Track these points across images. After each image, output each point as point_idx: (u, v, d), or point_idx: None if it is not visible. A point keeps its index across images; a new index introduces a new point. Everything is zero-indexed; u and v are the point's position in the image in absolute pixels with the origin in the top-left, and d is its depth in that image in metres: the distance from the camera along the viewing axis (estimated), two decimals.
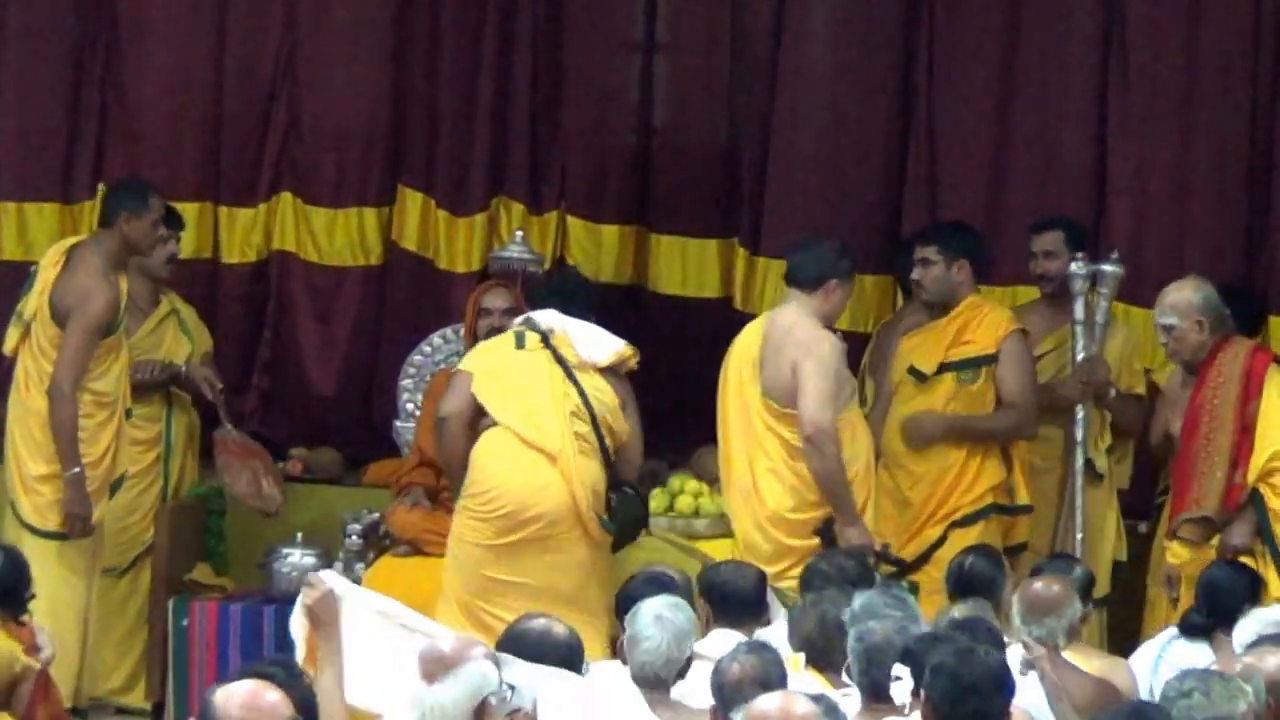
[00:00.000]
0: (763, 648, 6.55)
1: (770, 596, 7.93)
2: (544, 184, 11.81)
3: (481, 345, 9.87)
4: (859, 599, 6.35)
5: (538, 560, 9.41)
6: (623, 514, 9.59)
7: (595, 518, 9.38)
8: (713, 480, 10.25)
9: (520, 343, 9.52)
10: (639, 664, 6.73)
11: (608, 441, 9.51)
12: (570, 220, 11.73)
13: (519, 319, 9.71)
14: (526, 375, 9.48)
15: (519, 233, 10.96)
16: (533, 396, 9.47)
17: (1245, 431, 9.66)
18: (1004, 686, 5.10)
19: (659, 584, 6.93)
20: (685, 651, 6.87)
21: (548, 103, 12.04)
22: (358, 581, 9.44)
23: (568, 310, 9.79)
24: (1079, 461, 10.16)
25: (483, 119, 11.77)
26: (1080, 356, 10.38)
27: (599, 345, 9.70)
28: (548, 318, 9.61)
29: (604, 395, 9.57)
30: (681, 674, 6.72)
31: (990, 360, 9.96)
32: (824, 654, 6.44)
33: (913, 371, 9.95)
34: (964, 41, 11.94)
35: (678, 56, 12.58)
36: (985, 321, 10.17)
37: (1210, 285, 9.91)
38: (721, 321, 11.52)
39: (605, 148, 12.16)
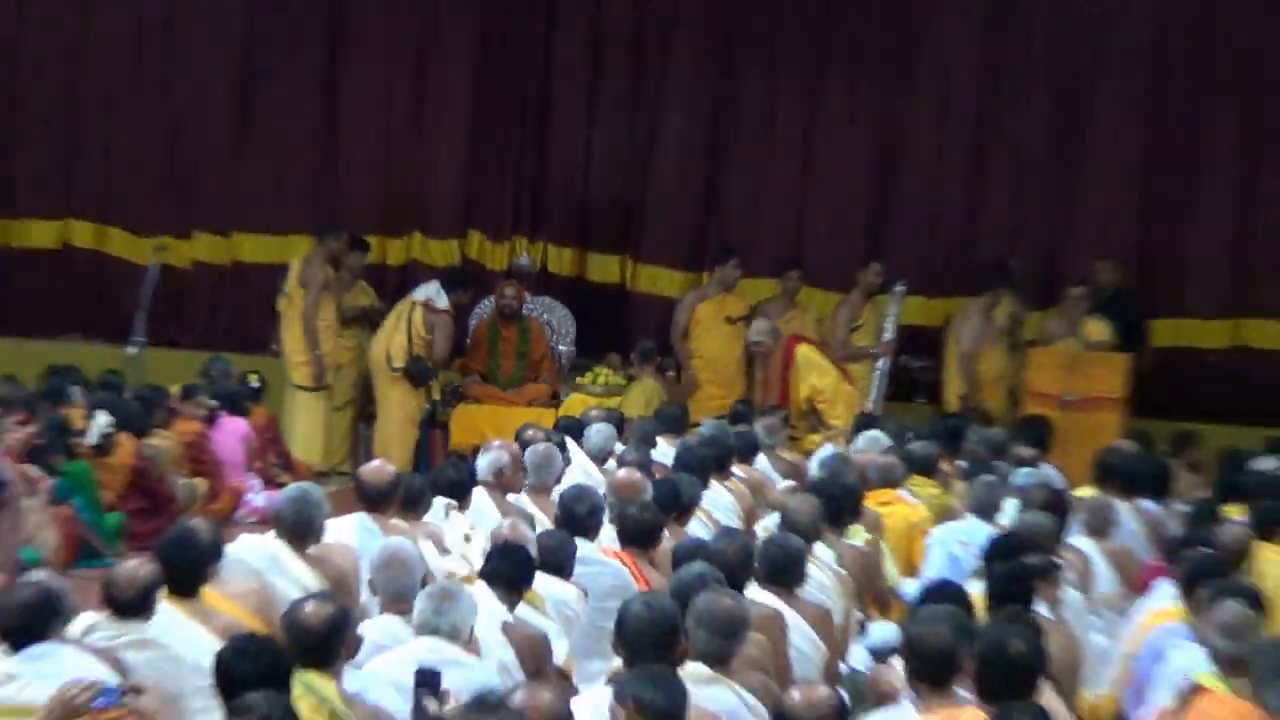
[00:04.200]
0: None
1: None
2: (542, 225, 16.58)
3: None
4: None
5: (382, 396, 14.58)
6: (408, 365, 14.49)
7: (389, 365, 14.42)
8: (614, 368, 15.15)
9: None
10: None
11: (414, 334, 14.50)
12: (549, 248, 16.54)
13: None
14: (400, 306, 14.74)
15: (525, 253, 16.11)
16: (393, 312, 14.73)
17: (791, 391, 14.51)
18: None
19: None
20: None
21: (539, 172, 16.60)
22: (447, 420, 14.54)
23: (442, 280, 15.02)
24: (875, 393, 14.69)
25: (520, 187, 16.60)
26: (888, 336, 15.00)
27: (420, 294, 14.82)
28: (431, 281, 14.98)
29: (415, 315, 14.63)
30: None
31: None
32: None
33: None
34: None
35: (661, 125, 16.39)
36: None
37: None
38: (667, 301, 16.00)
39: (589, 199, 16.60)
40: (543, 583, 7.69)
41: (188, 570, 7.09)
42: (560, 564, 7.99)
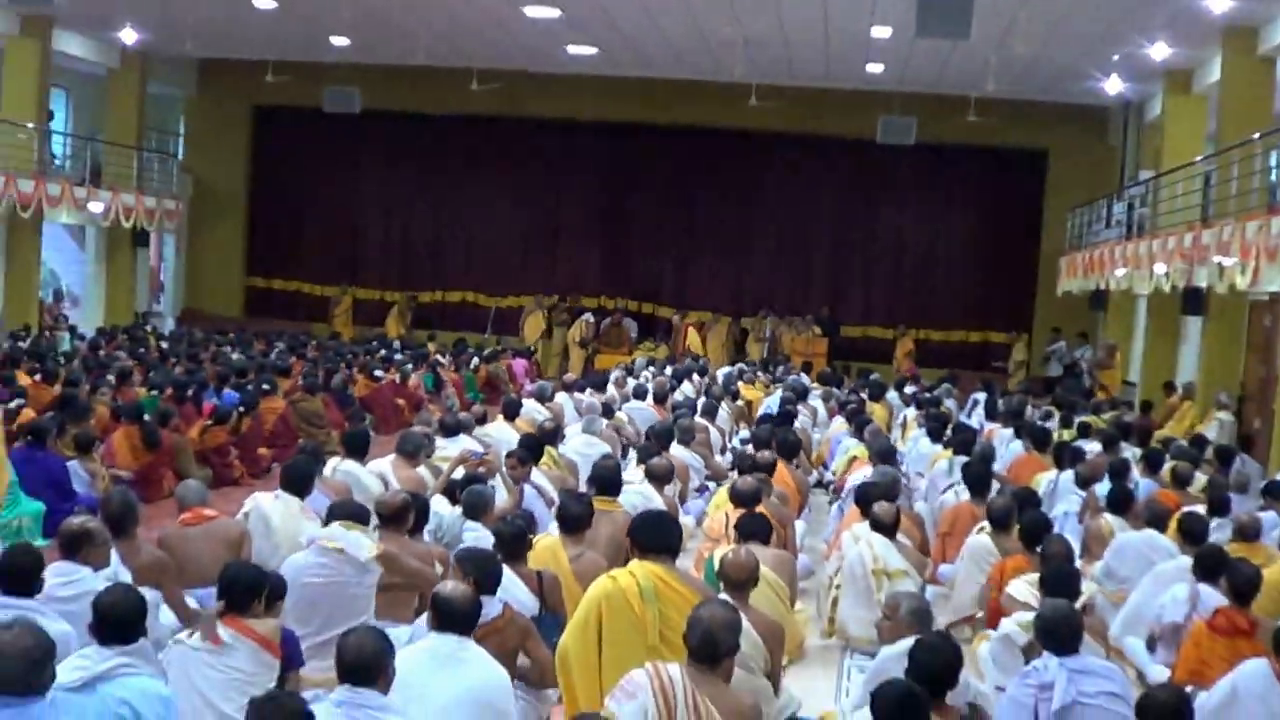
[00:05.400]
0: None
1: None
2: (625, 294, 15.07)
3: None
4: None
5: (570, 351, 12.68)
6: (580, 341, 12.99)
7: (574, 341, 12.96)
8: (651, 343, 13.78)
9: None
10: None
11: (583, 329, 13.18)
12: (629, 301, 14.97)
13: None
14: (578, 320, 13.12)
15: (622, 304, 14.90)
16: (574, 322, 12.98)
17: None
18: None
19: None
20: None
21: (625, 278, 14.74)
22: (594, 360, 12.97)
23: (592, 312, 13.77)
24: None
25: (617, 282, 15.06)
26: (768, 334, 13.68)
27: (584, 317, 13.43)
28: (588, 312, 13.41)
29: (582, 324, 13.25)
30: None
31: None
32: None
33: None
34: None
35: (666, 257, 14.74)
36: None
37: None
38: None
39: (644, 285, 14.84)
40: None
41: (514, 410, 7.10)
42: (617, 410, 7.81)
